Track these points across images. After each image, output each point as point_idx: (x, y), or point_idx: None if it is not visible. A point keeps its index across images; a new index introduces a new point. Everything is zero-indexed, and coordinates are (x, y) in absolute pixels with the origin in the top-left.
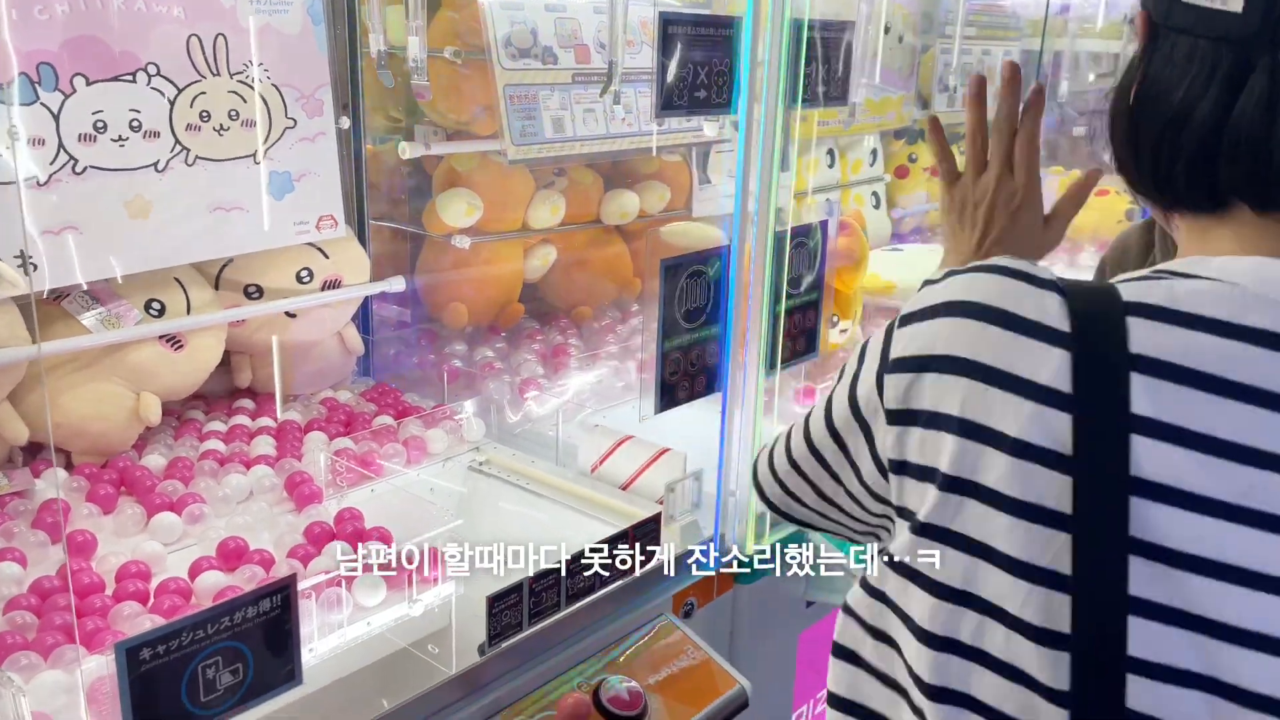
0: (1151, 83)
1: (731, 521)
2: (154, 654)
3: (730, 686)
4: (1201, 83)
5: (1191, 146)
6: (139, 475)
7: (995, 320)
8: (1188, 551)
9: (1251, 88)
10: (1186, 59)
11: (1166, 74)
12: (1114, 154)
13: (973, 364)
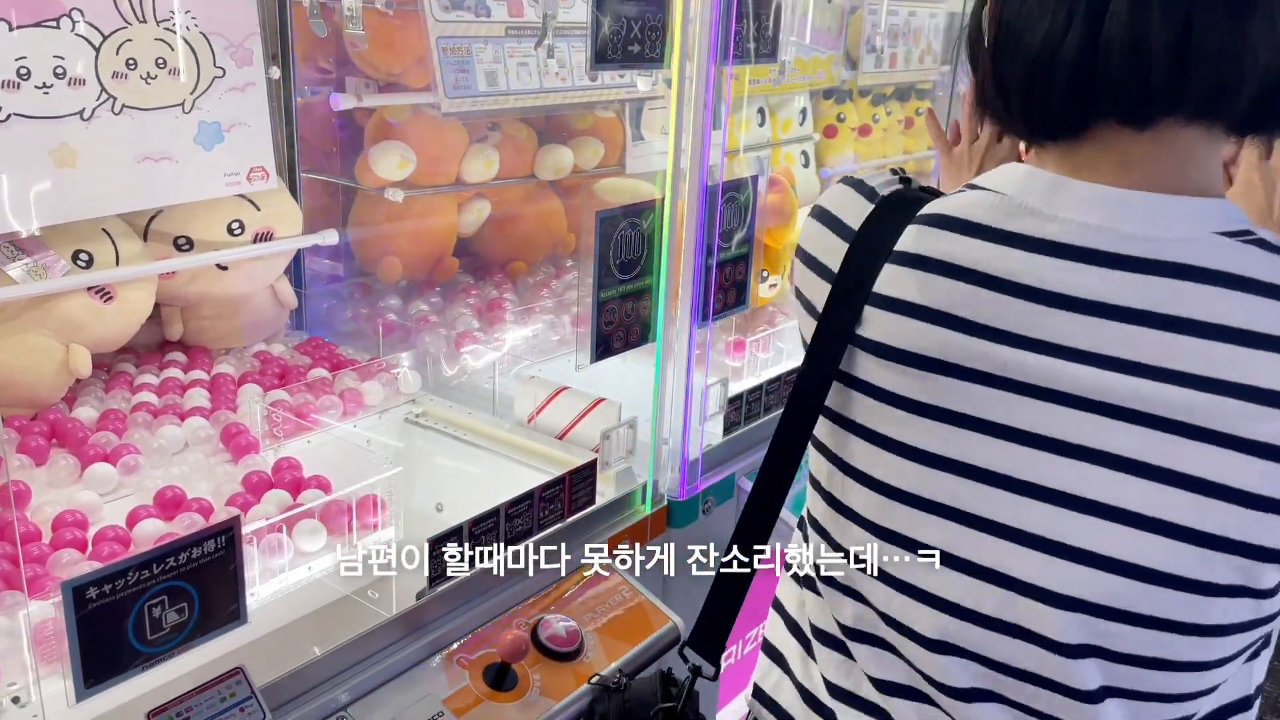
0: (1009, 26)
1: (665, 468)
2: (100, 593)
3: (663, 623)
4: (1063, 18)
5: (1064, 77)
6: (71, 427)
7: (824, 220)
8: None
9: (1115, 12)
10: (1036, 9)
11: (1024, 15)
12: (980, 97)
13: (804, 253)
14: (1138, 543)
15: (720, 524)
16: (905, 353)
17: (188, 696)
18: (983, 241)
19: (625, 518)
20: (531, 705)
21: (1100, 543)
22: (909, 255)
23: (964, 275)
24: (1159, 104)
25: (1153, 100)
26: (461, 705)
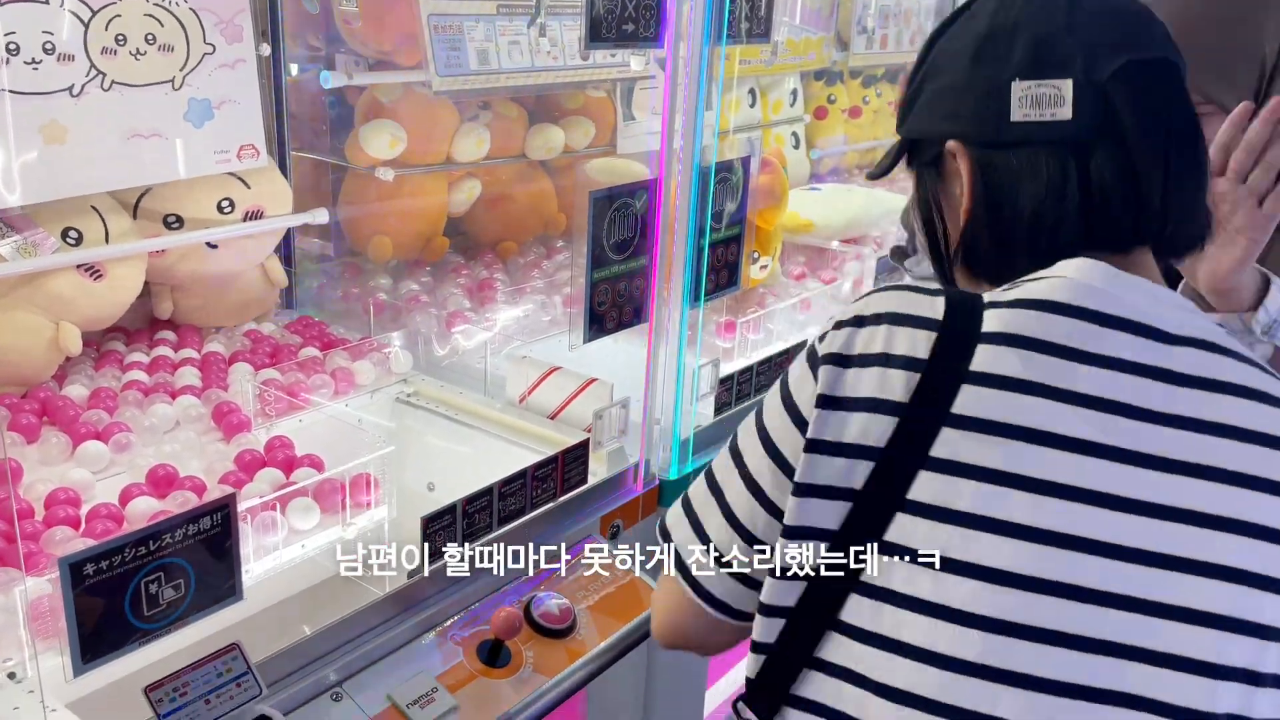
0: (992, 197)
1: (656, 448)
2: (97, 569)
3: None
4: (1058, 180)
5: (1068, 229)
6: (61, 405)
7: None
8: (968, 462)
9: (1100, 165)
10: (1030, 167)
11: (1011, 184)
12: (942, 268)
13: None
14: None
15: None
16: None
17: (184, 672)
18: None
19: (617, 497)
20: (525, 681)
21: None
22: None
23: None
24: (1144, 238)
25: (1141, 235)
26: (455, 681)
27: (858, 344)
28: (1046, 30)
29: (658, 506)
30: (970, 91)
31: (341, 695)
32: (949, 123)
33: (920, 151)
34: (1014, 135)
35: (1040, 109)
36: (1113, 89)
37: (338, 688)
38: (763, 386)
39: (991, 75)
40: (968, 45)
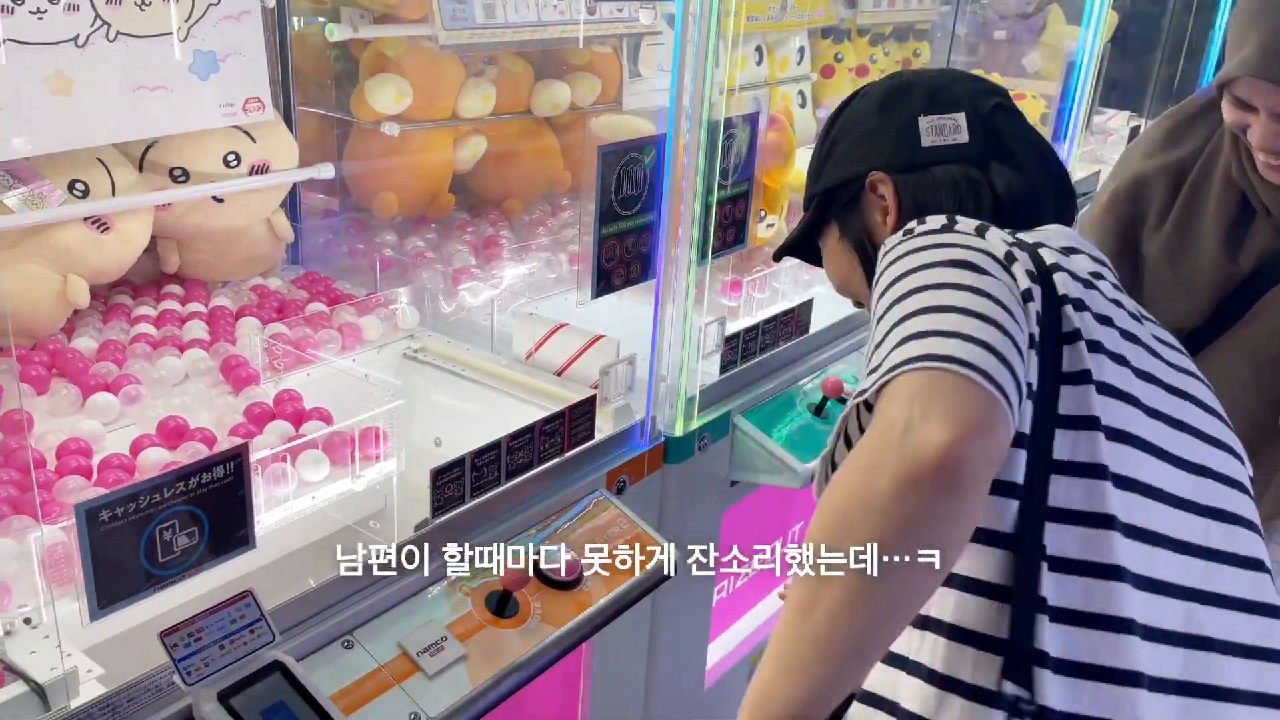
0: (917, 207)
1: (662, 405)
2: (112, 516)
3: (663, 554)
4: (970, 190)
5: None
6: (70, 357)
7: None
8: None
9: (994, 175)
10: (946, 179)
11: (933, 196)
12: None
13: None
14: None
15: (715, 460)
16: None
17: (199, 618)
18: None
19: (623, 453)
20: (533, 632)
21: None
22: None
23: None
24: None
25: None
26: (464, 630)
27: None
28: (935, 84)
29: (663, 464)
30: (884, 133)
31: (353, 643)
32: (870, 160)
33: (838, 197)
34: (927, 157)
35: (944, 135)
36: (994, 119)
37: (349, 635)
38: (768, 345)
39: (900, 117)
40: (872, 105)
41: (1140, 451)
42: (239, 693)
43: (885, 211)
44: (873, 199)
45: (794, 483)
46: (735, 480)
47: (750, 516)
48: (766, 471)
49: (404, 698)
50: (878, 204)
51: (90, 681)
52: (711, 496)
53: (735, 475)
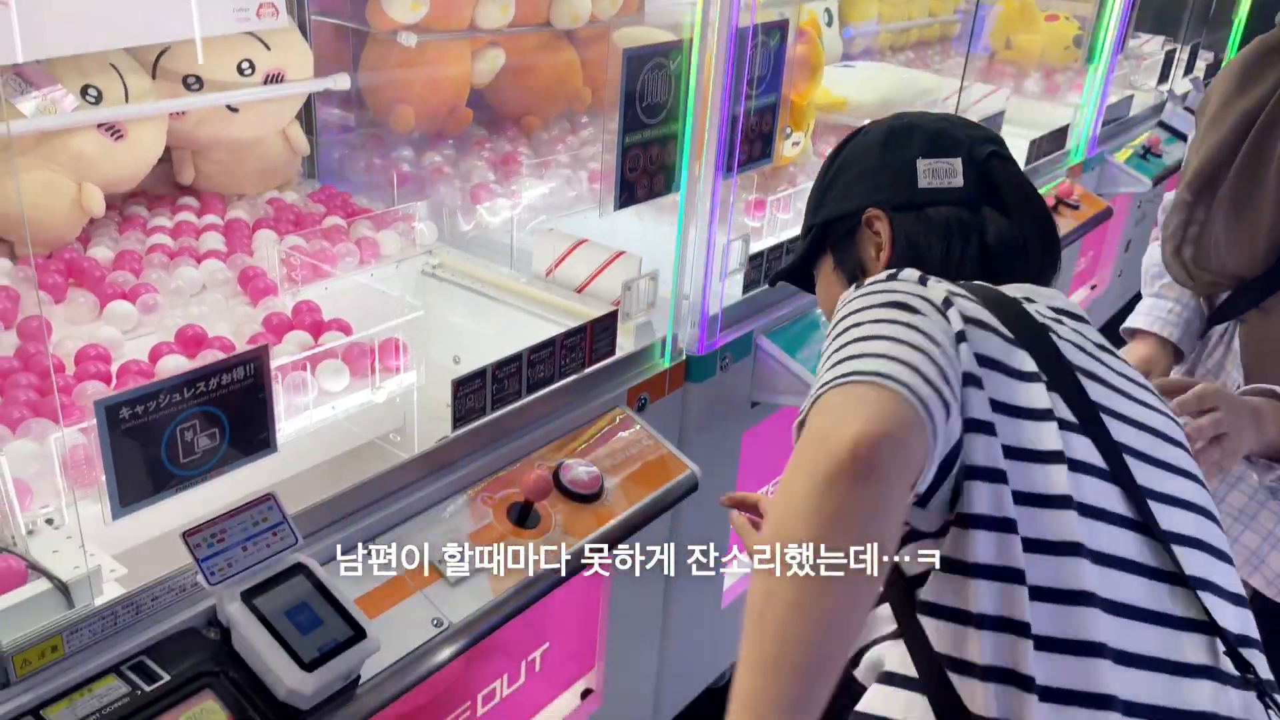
0: (910, 245)
1: (684, 323)
2: (133, 413)
3: (682, 471)
4: (960, 232)
5: (970, 268)
6: (87, 266)
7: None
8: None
9: (985, 220)
10: (936, 224)
11: (925, 236)
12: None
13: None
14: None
15: (737, 381)
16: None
17: (222, 519)
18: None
19: (644, 370)
20: (554, 542)
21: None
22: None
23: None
24: (1023, 274)
25: (1020, 272)
26: (486, 540)
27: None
28: (936, 128)
29: (684, 382)
30: (884, 171)
31: (375, 550)
32: (869, 195)
33: (836, 229)
34: (923, 198)
35: (940, 178)
36: (989, 166)
37: (371, 542)
38: None
39: (900, 157)
40: (874, 143)
41: (1098, 480)
42: (262, 594)
43: (879, 247)
44: (868, 234)
45: None
46: (756, 401)
47: (769, 438)
48: (788, 393)
49: (426, 604)
50: (873, 239)
51: (113, 582)
52: (732, 417)
53: (756, 396)
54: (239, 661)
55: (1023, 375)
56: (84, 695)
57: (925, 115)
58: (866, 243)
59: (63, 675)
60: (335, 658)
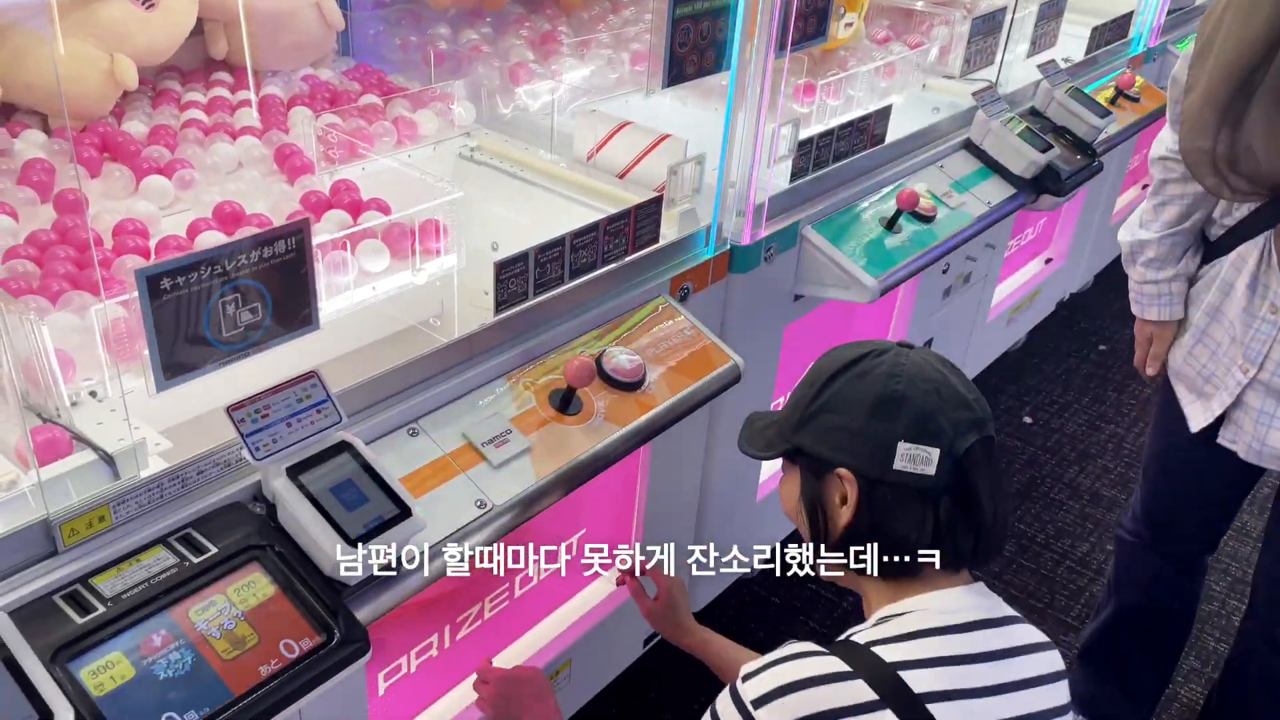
0: (869, 517)
1: (730, 211)
2: (174, 284)
3: (724, 362)
4: (918, 516)
5: (921, 550)
6: (121, 140)
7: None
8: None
9: (944, 507)
10: (899, 504)
11: (885, 512)
12: (817, 546)
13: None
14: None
15: (781, 272)
16: None
17: (265, 395)
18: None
19: (687, 259)
20: (596, 430)
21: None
22: None
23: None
24: (969, 559)
25: (967, 557)
26: (528, 425)
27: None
28: (925, 408)
29: (727, 273)
30: (867, 439)
31: (418, 431)
32: (845, 455)
33: (807, 459)
34: (893, 479)
35: (915, 465)
36: (964, 461)
37: (414, 424)
38: (841, 154)
39: (884, 431)
40: (865, 400)
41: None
42: (308, 470)
43: (844, 501)
44: (837, 483)
45: (861, 297)
46: (799, 294)
47: (810, 333)
48: (834, 285)
49: (470, 485)
50: (839, 490)
51: (157, 455)
52: (774, 309)
53: (800, 289)
54: (285, 536)
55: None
56: (132, 565)
57: (919, 382)
58: (833, 490)
59: (110, 546)
60: (382, 535)
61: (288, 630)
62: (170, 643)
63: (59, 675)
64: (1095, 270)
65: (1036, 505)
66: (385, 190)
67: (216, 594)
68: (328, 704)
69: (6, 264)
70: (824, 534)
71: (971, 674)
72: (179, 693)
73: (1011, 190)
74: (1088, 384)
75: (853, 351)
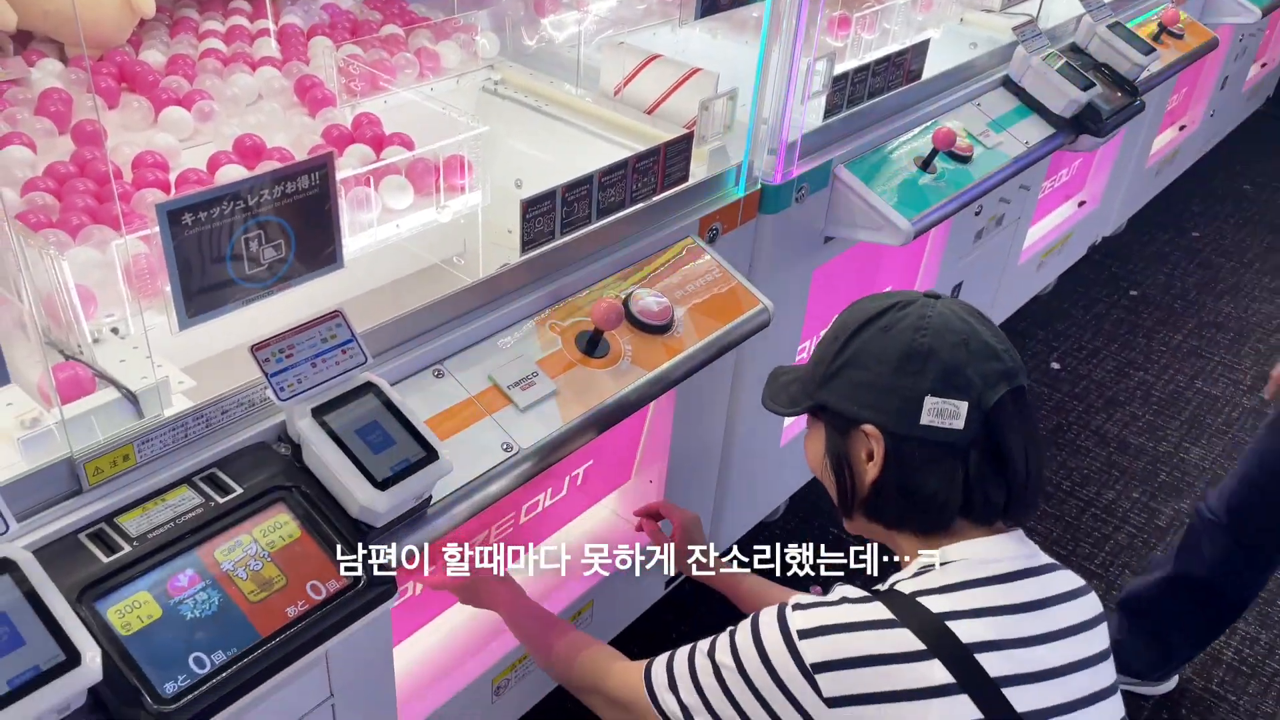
0: (896, 474)
1: (761, 149)
2: (196, 219)
3: (753, 306)
4: (947, 472)
5: (952, 506)
6: (139, 70)
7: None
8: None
9: (974, 461)
10: (927, 460)
11: (912, 469)
12: (845, 505)
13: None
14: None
15: (812, 213)
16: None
17: (289, 334)
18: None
19: (717, 199)
20: (624, 373)
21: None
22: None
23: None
24: (1001, 515)
25: (999, 513)
26: (555, 367)
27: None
28: (953, 361)
29: (758, 213)
30: (893, 394)
31: (443, 373)
32: (871, 411)
33: (831, 415)
34: (920, 434)
35: (943, 419)
36: (994, 414)
37: (439, 365)
38: (878, 89)
39: (910, 386)
40: (890, 355)
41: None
42: (333, 411)
43: (871, 457)
44: (863, 439)
45: (894, 240)
46: (830, 236)
47: (840, 276)
48: (866, 227)
49: (496, 428)
50: (866, 446)
51: (181, 394)
52: (804, 251)
53: (831, 230)
54: (311, 478)
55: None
56: (157, 505)
57: (946, 334)
58: (859, 446)
59: (135, 485)
60: (408, 477)
61: (314, 572)
62: (197, 583)
63: (85, 614)
64: (1128, 214)
65: (1063, 452)
66: (408, 124)
67: (242, 534)
68: (353, 644)
69: (25, 197)
70: (850, 491)
71: (1018, 624)
72: (206, 633)
73: (1050, 130)
74: (1117, 330)
75: (877, 304)
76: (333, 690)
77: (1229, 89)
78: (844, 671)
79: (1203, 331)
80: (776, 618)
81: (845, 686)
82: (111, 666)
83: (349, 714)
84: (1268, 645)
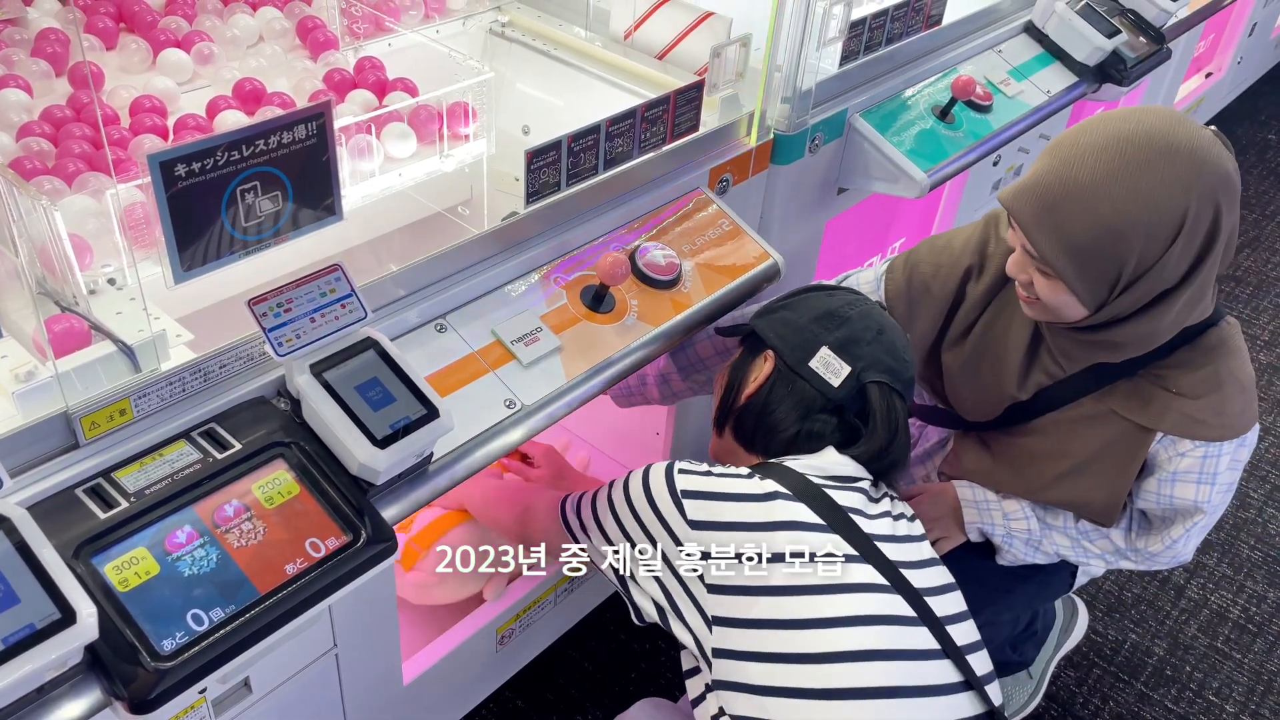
0: (767, 396)
1: (774, 97)
2: (189, 171)
3: (763, 260)
4: (800, 412)
5: (788, 433)
6: (138, 10)
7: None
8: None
9: (834, 422)
10: (797, 398)
11: (781, 399)
12: (722, 437)
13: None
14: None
15: (826, 164)
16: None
17: (287, 288)
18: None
19: (728, 149)
20: (629, 329)
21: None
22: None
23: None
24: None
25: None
26: (559, 322)
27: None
28: (859, 335)
29: (769, 164)
30: (801, 334)
31: (446, 327)
32: (777, 340)
33: (752, 340)
34: (805, 373)
35: (826, 371)
36: (868, 388)
37: (441, 319)
38: (894, 36)
39: (817, 333)
40: (818, 309)
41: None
42: (332, 367)
43: (755, 380)
44: (759, 364)
45: (910, 192)
46: (844, 188)
47: (853, 229)
48: (881, 179)
49: (499, 384)
50: (755, 369)
51: (180, 346)
52: (817, 203)
53: (845, 182)
54: (310, 434)
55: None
56: (155, 460)
57: (868, 319)
58: (757, 369)
59: (132, 440)
60: (408, 435)
61: (314, 529)
62: (195, 539)
63: (82, 571)
64: None
65: None
66: (412, 69)
67: (241, 491)
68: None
69: (21, 141)
70: (730, 404)
71: (873, 518)
72: (204, 590)
73: (1073, 79)
74: None
75: (838, 288)
76: (336, 641)
77: (1258, 35)
78: (707, 501)
79: (1221, 285)
80: (665, 477)
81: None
82: (109, 623)
83: (353, 665)
84: (1275, 604)
